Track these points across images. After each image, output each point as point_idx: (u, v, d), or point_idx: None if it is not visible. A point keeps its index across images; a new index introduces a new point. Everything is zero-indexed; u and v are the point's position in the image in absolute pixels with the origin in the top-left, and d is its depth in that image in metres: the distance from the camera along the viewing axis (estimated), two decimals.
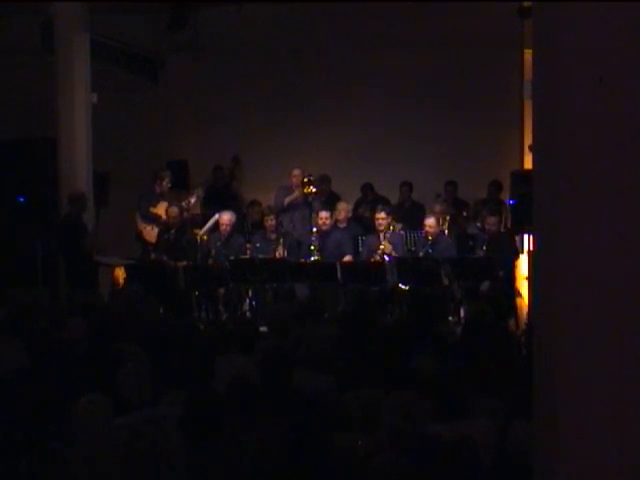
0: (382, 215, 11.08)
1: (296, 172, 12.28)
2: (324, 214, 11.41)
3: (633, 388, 3.16)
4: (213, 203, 13.01)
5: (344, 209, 11.84)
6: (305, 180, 11.94)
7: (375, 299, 10.36)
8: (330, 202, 12.36)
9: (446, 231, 11.34)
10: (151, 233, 12.12)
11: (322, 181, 12.64)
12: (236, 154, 13.74)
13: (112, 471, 4.39)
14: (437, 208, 11.50)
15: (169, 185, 12.50)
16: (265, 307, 10.53)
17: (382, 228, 11.06)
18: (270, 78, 13.78)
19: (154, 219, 12.14)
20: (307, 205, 11.99)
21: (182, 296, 9.80)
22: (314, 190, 11.89)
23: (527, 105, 12.32)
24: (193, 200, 12.26)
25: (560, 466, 3.22)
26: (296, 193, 12.22)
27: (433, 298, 9.64)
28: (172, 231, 11.65)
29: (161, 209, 12.19)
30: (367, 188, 13.00)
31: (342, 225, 11.72)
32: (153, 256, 11.62)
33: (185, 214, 12.13)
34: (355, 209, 12.72)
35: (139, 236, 12.28)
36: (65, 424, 4.69)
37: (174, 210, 11.84)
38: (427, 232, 10.97)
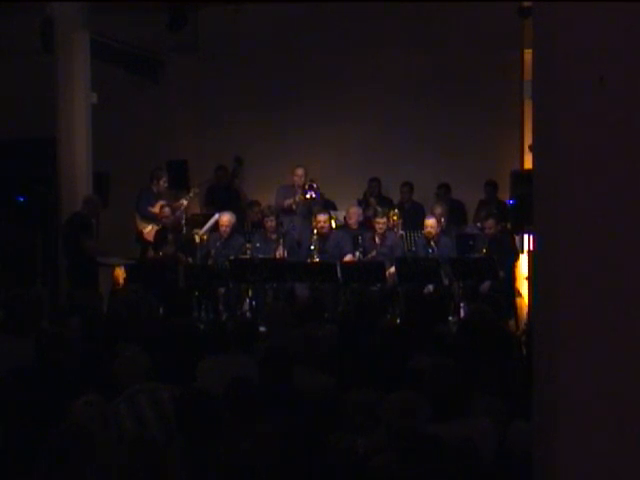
0: (382, 220, 11.23)
1: (299, 171, 12.24)
2: (322, 217, 11.41)
3: (633, 388, 3.16)
4: (215, 203, 13.00)
5: (355, 213, 11.81)
6: (307, 187, 11.97)
7: (375, 299, 10.36)
8: (326, 207, 12.34)
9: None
10: (151, 233, 12.13)
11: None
12: (238, 154, 13.74)
13: (111, 472, 4.39)
14: (437, 209, 11.51)
15: (166, 184, 12.52)
16: (265, 307, 10.52)
17: (380, 232, 11.19)
18: (270, 78, 13.79)
19: (154, 218, 12.15)
20: (306, 208, 12.01)
21: (182, 296, 9.78)
22: (314, 196, 11.92)
23: (527, 105, 12.33)
24: (185, 202, 12.27)
25: (560, 466, 3.22)
26: (293, 201, 12.17)
27: (433, 298, 9.65)
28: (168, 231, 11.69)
29: (158, 208, 12.21)
30: (374, 182, 13.00)
31: (353, 228, 11.72)
32: (161, 253, 11.61)
33: (177, 213, 12.11)
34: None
35: (139, 236, 12.28)
36: (64, 424, 4.69)
37: (165, 210, 11.88)
38: (428, 232, 11.01)
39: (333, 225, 11.87)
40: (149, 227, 12.18)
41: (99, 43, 12.59)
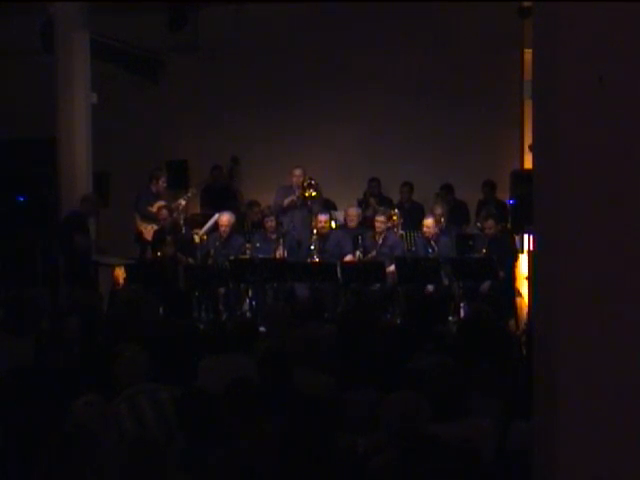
0: (381, 219, 11.22)
1: (297, 172, 12.24)
2: (323, 217, 11.40)
3: (633, 388, 3.16)
4: (211, 203, 12.99)
5: (355, 214, 11.79)
6: (306, 184, 11.93)
7: (375, 299, 10.37)
8: (326, 207, 12.36)
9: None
10: (151, 232, 12.10)
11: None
12: (235, 154, 13.74)
13: (111, 472, 4.39)
14: (437, 210, 11.50)
15: (165, 184, 12.49)
16: (265, 307, 10.52)
17: (379, 230, 11.19)
18: (270, 78, 13.79)
19: (154, 218, 12.13)
20: (306, 207, 11.96)
21: (182, 296, 9.79)
22: (314, 194, 11.88)
23: (527, 105, 12.33)
24: (183, 203, 12.21)
25: (560, 466, 3.22)
26: (294, 196, 12.16)
27: (433, 298, 9.65)
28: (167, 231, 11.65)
29: (157, 209, 12.18)
30: (374, 182, 12.99)
31: (352, 228, 11.70)
32: (159, 253, 11.58)
33: (175, 214, 12.06)
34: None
35: (139, 236, 12.26)
36: (63, 424, 4.69)
37: (163, 212, 11.83)
38: (424, 232, 11.04)
39: (333, 225, 11.87)
40: (149, 227, 12.16)
41: (99, 43, 12.59)
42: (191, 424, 4.69)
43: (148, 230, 12.15)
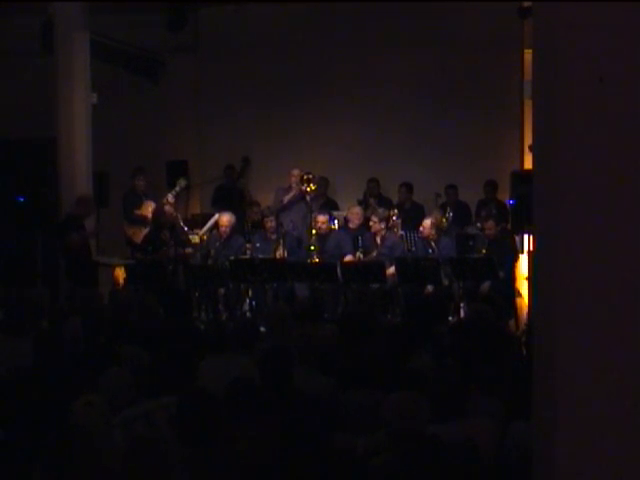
0: (375, 219, 11.27)
1: (296, 172, 12.27)
2: (322, 218, 11.40)
3: (633, 388, 3.16)
4: (223, 202, 12.96)
5: (357, 213, 11.78)
6: (305, 178, 11.91)
7: (375, 299, 10.36)
8: (327, 207, 12.36)
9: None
10: (140, 235, 12.02)
11: (320, 183, 12.59)
12: (246, 154, 13.74)
13: (111, 472, 4.39)
14: (437, 216, 11.47)
15: (147, 183, 12.43)
16: (265, 307, 10.52)
17: (373, 231, 11.24)
18: (270, 78, 13.79)
19: (142, 221, 12.06)
20: (306, 205, 11.94)
21: (182, 296, 9.79)
22: (313, 187, 11.86)
23: (527, 105, 12.34)
24: (171, 197, 12.05)
25: (560, 466, 3.22)
26: (294, 191, 12.18)
27: (433, 298, 9.65)
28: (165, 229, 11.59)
29: (146, 209, 12.12)
30: (373, 182, 12.99)
31: (353, 228, 11.70)
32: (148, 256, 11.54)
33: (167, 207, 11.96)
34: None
35: (130, 240, 12.18)
36: (63, 424, 4.69)
37: (167, 208, 11.73)
38: (420, 233, 11.07)
39: (335, 226, 11.88)
40: (138, 231, 12.06)
41: (99, 43, 12.59)
42: (192, 424, 4.68)
43: (137, 234, 12.09)
